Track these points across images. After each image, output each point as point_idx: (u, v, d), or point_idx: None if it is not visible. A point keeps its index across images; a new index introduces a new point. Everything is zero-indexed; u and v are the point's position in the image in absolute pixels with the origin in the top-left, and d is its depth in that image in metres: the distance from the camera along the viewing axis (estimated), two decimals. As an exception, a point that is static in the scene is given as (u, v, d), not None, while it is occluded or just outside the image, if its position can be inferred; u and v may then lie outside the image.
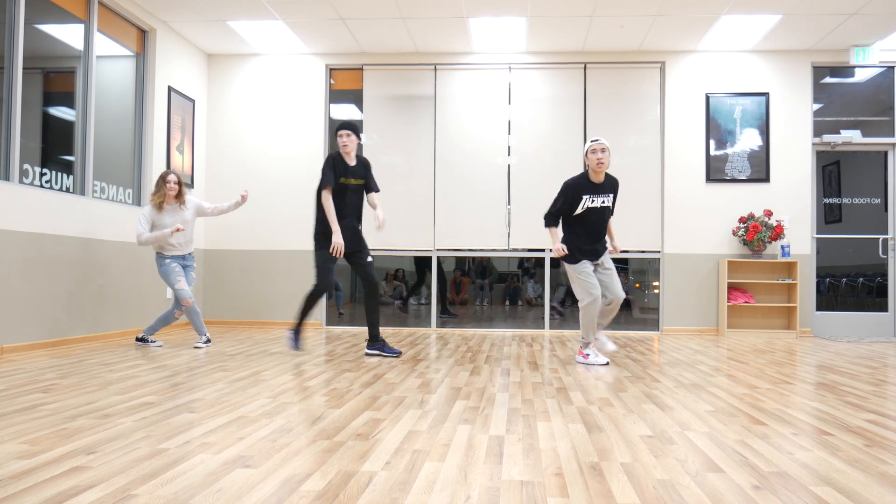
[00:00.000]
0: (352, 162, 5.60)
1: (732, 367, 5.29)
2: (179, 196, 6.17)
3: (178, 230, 5.93)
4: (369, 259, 5.69)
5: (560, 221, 5.44)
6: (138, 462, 2.42)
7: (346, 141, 5.52)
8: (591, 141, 5.30)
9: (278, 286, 8.58)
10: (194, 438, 2.77)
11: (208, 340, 6.30)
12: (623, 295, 5.39)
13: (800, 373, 5.00)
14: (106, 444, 2.66)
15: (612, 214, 5.49)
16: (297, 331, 5.86)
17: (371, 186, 5.75)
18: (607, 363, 5.39)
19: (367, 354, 5.74)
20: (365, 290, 5.76)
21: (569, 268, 5.40)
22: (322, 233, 5.55)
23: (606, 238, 5.53)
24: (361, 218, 5.80)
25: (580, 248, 5.33)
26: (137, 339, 6.30)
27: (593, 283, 5.26)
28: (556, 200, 5.39)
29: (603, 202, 5.32)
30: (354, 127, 5.59)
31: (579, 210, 5.28)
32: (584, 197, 5.27)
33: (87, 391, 3.83)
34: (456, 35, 7.98)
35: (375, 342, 5.73)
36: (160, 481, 2.21)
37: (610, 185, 5.38)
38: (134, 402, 3.53)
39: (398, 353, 5.71)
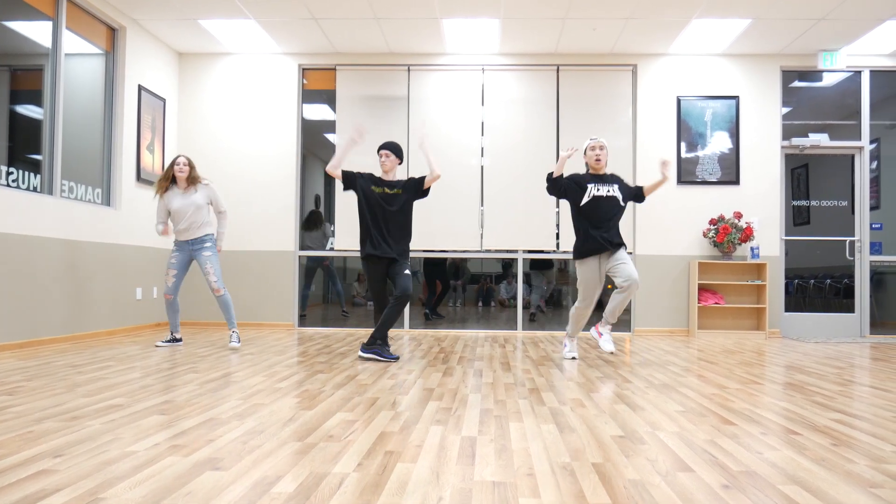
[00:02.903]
0: (387, 178, 5.67)
1: (702, 367, 5.34)
2: (191, 179, 6.18)
3: (165, 233, 6.16)
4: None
5: (557, 186, 5.44)
6: (106, 465, 2.39)
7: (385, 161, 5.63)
8: (590, 139, 5.44)
9: (250, 287, 8.51)
10: (164, 441, 2.74)
11: (172, 340, 6.35)
12: (637, 277, 5.29)
13: (768, 373, 5.06)
14: (73, 447, 2.62)
15: (640, 196, 5.51)
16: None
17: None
18: (573, 358, 5.63)
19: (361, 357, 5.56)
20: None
21: (576, 267, 5.52)
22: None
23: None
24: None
25: (586, 241, 5.37)
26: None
27: (589, 293, 5.40)
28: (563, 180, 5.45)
29: (608, 192, 5.34)
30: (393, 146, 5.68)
31: (586, 199, 5.33)
32: (590, 185, 5.32)
33: (54, 393, 3.77)
34: (429, 36, 7.98)
35: (372, 345, 5.51)
36: (129, 484, 2.18)
37: (613, 178, 5.47)
38: (102, 404, 3.49)
39: (395, 358, 5.54)
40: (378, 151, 5.64)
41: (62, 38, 6.61)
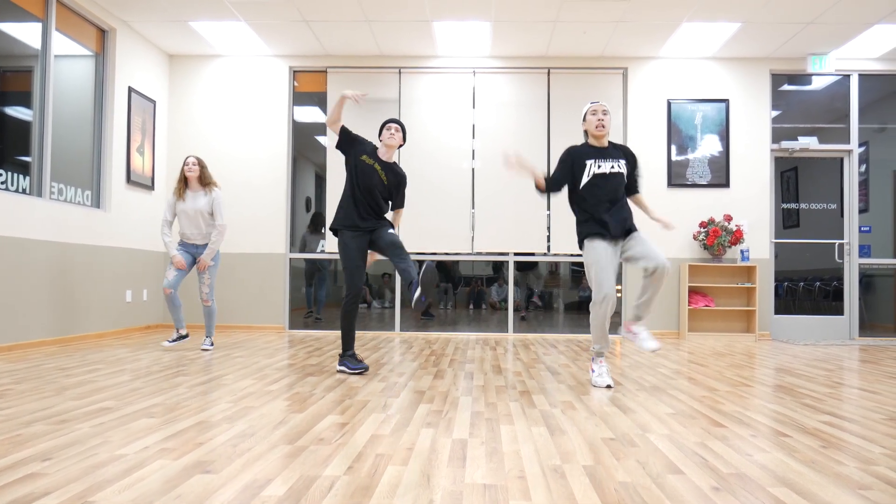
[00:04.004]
0: (386, 158, 5.05)
1: (693, 369, 5.36)
2: (203, 180, 6.18)
3: (175, 260, 6.06)
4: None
5: (559, 189, 4.62)
6: (95, 468, 2.38)
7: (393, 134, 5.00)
8: (591, 102, 4.64)
9: (241, 290, 8.49)
10: (153, 444, 2.73)
11: (179, 338, 6.34)
12: (666, 261, 4.39)
13: (758, 375, 5.08)
14: (62, 450, 2.61)
15: (634, 188, 4.68)
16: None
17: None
18: (609, 386, 4.44)
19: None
20: None
21: (583, 254, 4.59)
22: None
23: (649, 215, 4.80)
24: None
25: (591, 221, 4.47)
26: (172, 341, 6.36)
27: (605, 277, 4.37)
28: (556, 168, 4.63)
29: (612, 167, 4.49)
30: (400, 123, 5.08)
31: (585, 179, 4.48)
32: (589, 162, 4.49)
33: (43, 396, 3.75)
34: (420, 39, 7.99)
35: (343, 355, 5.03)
36: (118, 488, 2.17)
37: (619, 152, 4.62)
38: (91, 407, 3.47)
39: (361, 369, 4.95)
40: (387, 124, 5.01)
41: (52, 40, 6.58)
